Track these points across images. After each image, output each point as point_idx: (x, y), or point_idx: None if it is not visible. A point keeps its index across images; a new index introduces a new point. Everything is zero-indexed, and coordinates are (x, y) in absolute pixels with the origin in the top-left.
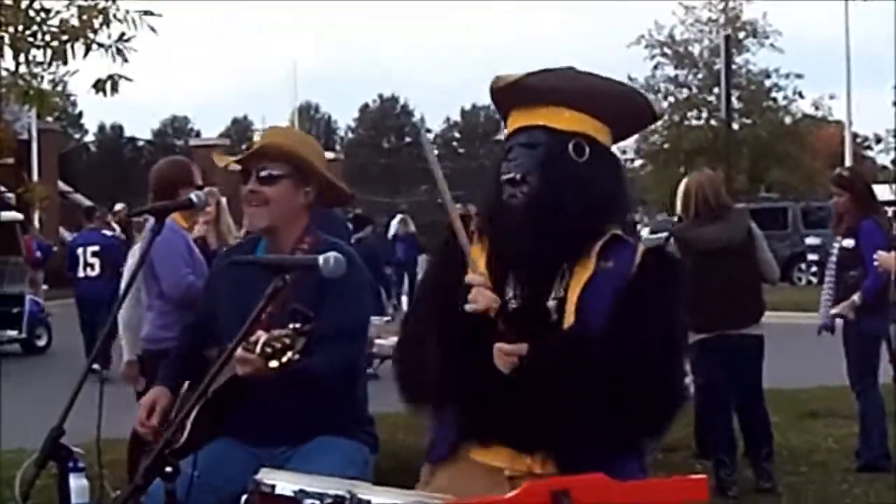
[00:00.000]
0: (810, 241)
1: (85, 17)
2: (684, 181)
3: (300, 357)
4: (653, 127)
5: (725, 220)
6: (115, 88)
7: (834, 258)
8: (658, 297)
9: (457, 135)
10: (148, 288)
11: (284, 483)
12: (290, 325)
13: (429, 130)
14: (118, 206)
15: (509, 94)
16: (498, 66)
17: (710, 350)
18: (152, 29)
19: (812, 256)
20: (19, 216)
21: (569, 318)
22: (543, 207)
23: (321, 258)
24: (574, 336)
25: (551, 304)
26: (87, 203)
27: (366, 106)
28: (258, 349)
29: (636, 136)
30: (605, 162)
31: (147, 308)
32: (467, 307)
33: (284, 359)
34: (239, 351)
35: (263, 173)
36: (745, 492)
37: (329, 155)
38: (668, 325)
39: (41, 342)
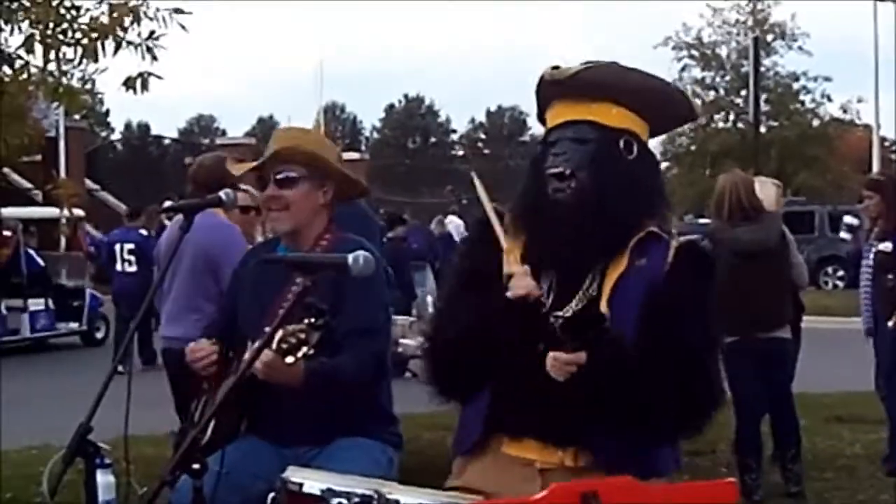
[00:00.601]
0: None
1: (115, 14)
2: (719, 181)
3: (315, 352)
4: (679, 129)
5: (760, 223)
6: (145, 86)
7: (869, 262)
8: (692, 294)
9: (482, 135)
10: (195, 287)
11: (312, 482)
12: (305, 320)
13: (454, 131)
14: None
15: (559, 86)
16: (523, 67)
17: (739, 353)
18: (182, 27)
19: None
20: (80, 212)
21: None
22: (592, 204)
23: (350, 257)
24: (618, 338)
25: (603, 308)
26: (113, 199)
27: (391, 106)
28: (274, 345)
29: (662, 138)
30: (649, 159)
31: (189, 309)
32: (509, 293)
33: (300, 354)
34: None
35: (280, 176)
36: (771, 496)
37: (354, 155)
38: (703, 322)
39: (100, 334)
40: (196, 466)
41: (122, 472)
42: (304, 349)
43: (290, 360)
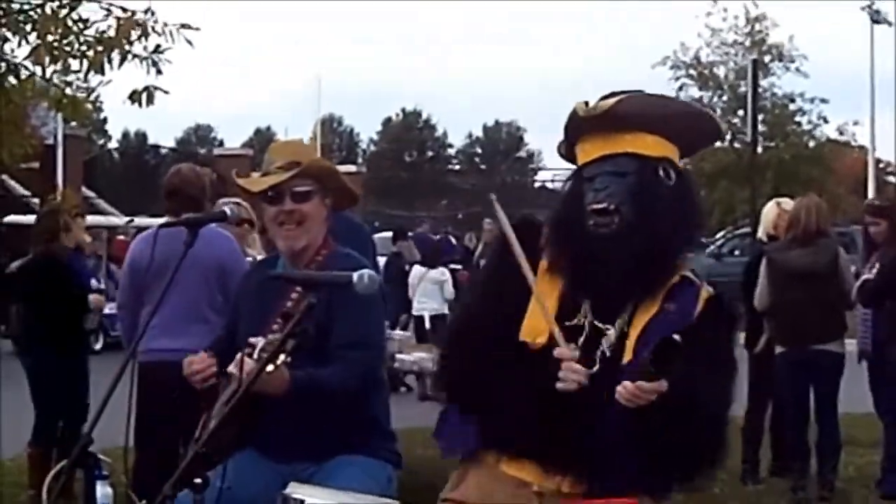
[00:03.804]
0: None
1: (122, 28)
2: (797, 203)
3: (300, 361)
4: None
5: (814, 246)
6: (150, 100)
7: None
8: (715, 350)
9: (478, 150)
10: (202, 298)
11: (314, 498)
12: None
13: (450, 145)
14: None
15: (592, 121)
16: (521, 84)
17: (788, 363)
18: (189, 42)
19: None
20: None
21: (627, 355)
22: (640, 237)
23: (355, 275)
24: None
25: (610, 335)
26: (110, 208)
27: (388, 119)
28: (255, 355)
29: None
30: (687, 183)
31: (193, 319)
32: (559, 385)
33: (278, 361)
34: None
35: (298, 189)
36: None
37: (351, 168)
38: (721, 380)
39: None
40: (198, 481)
41: (122, 483)
42: (282, 356)
43: (269, 368)
